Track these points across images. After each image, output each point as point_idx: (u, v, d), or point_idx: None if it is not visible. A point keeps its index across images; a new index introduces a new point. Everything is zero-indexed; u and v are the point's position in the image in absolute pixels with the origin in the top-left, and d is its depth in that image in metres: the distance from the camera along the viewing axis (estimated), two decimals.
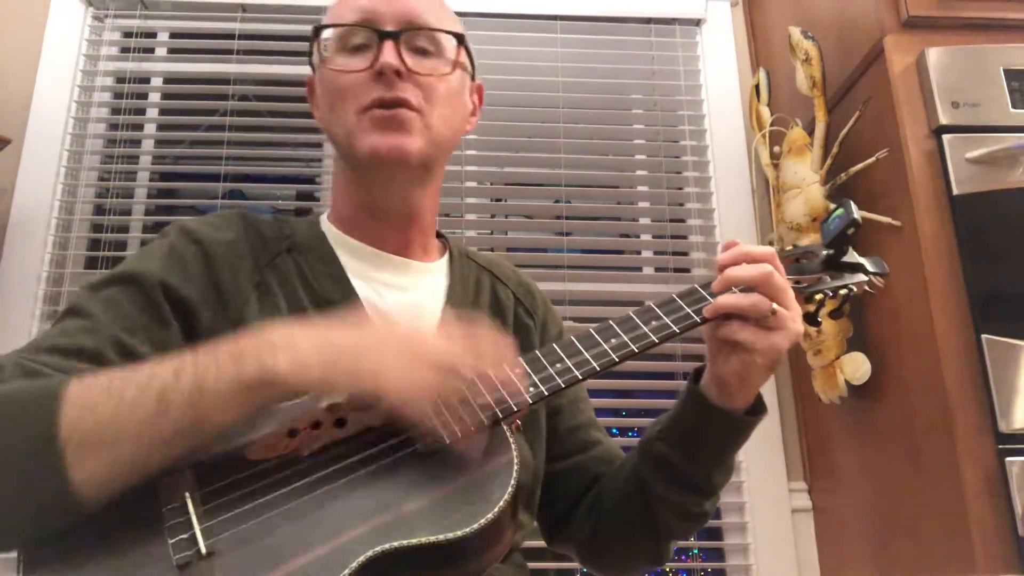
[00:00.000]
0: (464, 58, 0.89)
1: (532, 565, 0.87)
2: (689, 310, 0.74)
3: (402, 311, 0.83)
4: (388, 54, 0.80)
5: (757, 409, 0.79)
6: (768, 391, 1.82)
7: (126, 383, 0.60)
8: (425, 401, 0.62)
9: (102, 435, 0.57)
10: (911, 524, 1.33)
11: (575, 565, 1.67)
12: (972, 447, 1.18)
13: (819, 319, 0.82)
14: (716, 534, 1.74)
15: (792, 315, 0.73)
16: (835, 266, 0.82)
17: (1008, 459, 1.15)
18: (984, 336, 1.20)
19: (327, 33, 0.85)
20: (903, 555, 1.36)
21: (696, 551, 1.77)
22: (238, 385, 0.59)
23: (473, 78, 0.94)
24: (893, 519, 1.40)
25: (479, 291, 0.92)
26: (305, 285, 0.81)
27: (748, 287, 0.73)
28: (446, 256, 0.93)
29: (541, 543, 0.98)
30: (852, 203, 0.81)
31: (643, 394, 1.82)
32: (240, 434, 0.65)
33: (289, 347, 0.60)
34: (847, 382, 1.47)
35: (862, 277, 0.82)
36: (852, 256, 0.83)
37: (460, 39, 0.88)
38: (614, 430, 1.78)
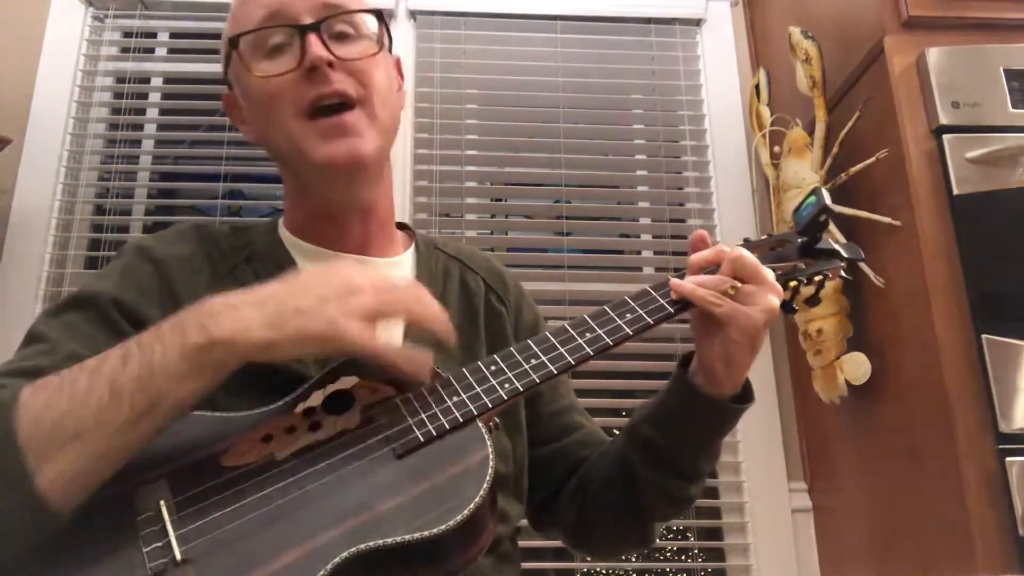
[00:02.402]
0: (385, 35, 0.86)
1: (532, 565, 0.87)
2: (663, 301, 0.75)
3: None
4: (315, 47, 0.76)
5: (745, 397, 0.79)
6: (768, 391, 1.83)
7: (76, 377, 0.59)
8: (377, 343, 0.62)
9: (61, 433, 0.56)
10: (911, 524, 1.33)
11: (575, 565, 1.67)
12: (972, 447, 1.18)
13: (795, 306, 0.82)
14: (716, 534, 1.74)
15: (764, 290, 0.74)
16: (811, 253, 0.83)
17: (1008, 459, 1.15)
18: (984, 336, 1.20)
19: (243, 41, 0.81)
20: (903, 555, 1.36)
21: (696, 551, 1.77)
22: (184, 356, 0.58)
23: (391, 51, 0.91)
24: (893, 519, 1.40)
25: (447, 281, 0.91)
26: None
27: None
28: (411, 249, 0.93)
29: (541, 543, 0.99)
30: (824, 190, 0.81)
31: (643, 394, 1.82)
32: (214, 442, 0.64)
33: (229, 311, 0.60)
34: (847, 382, 1.47)
35: (836, 263, 0.83)
36: (827, 243, 0.84)
37: (380, 16, 0.85)
38: (614, 430, 1.77)
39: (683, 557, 1.76)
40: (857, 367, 1.44)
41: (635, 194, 2.04)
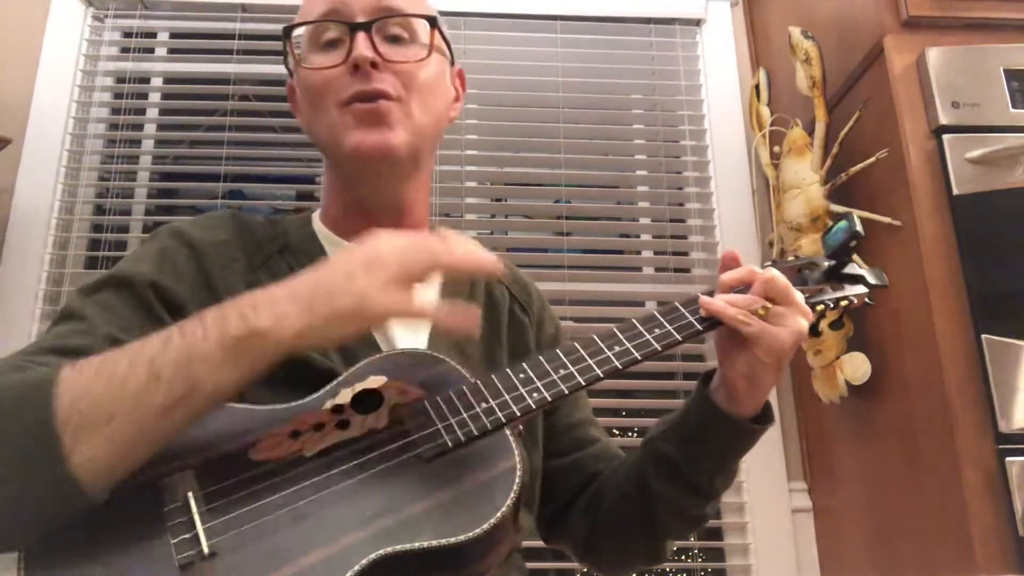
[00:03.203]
0: (440, 42, 0.87)
1: (532, 565, 0.87)
2: (692, 318, 0.75)
3: None
4: (361, 46, 0.79)
5: (764, 418, 0.79)
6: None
7: (117, 360, 0.59)
8: (410, 305, 0.63)
9: (97, 414, 0.56)
10: (911, 524, 1.33)
11: (575, 566, 1.67)
12: (972, 447, 1.18)
13: (819, 330, 0.83)
14: (716, 534, 1.74)
15: (793, 311, 0.74)
16: (836, 277, 0.84)
17: (1008, 459, 1.15)
18: (984, 336, 1.20)
19: (298, 32, 0.85)
20: (903, 555, 1.36)
21: (696, 551, 1.77)
22: (224, 344, 0.59)
23: (452, 63, 0.93)
24: (893, 519, 1.40)
25: (473, 288, 0.91)
26: None
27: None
28: None
29: (541, 543, 0.99)
30: (856, 215, 0.82)
31: (643, 394, 1.82)
32: (243, 435, 0.64)
33: (268, 301, 0.61)
34: (847, 382, 1.47)
35: (862, 289, 0.83)
36: (853, 268, 0.84)
37: (433, 22, 0.86)
38: (614, 430, 1.78)
39: (683, 557, 1.76)
40: (857, 367, 1.44)
41: (635, 194, 2.04)
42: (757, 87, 1.78)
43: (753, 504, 1.70)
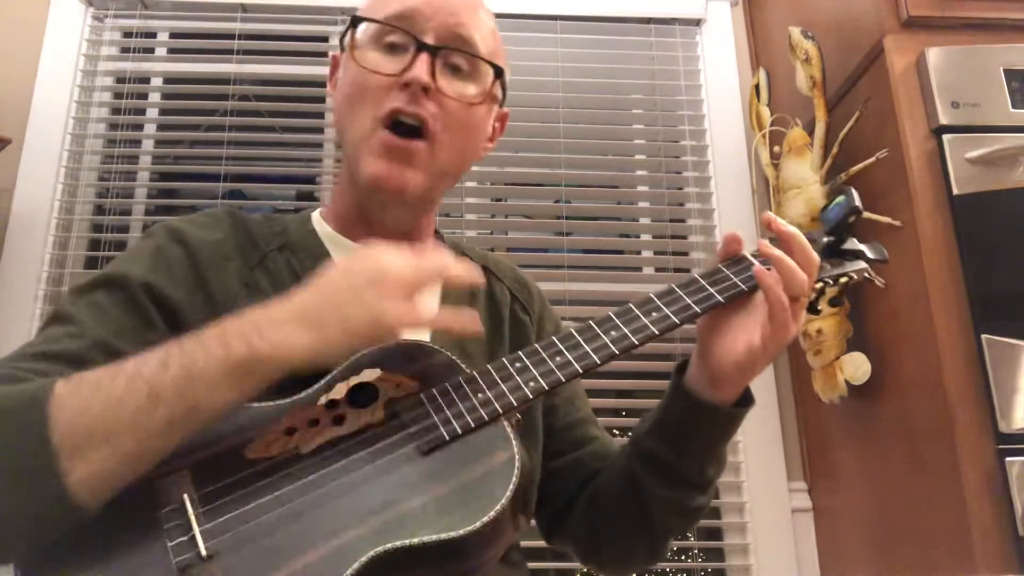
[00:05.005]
0: (498, 91, 0.87)
1: (532, 565, 0.87)
2: (689, 300, 0.74)
3: None
4: (420, 68, 0.77)
5: (745, 400, 0.78)
6: (768, 391, 1.83)
7: (114, 378, 0.59)
8: (419, 316, 0.65)
9: (94, 434, 0.56)
10: (911, 524, 1.33)
11: (575, 565, 1.67)
12: (972, 447, 1.18)
13: (819, 308, 0.81)
14: (716, 534, 1.74)
15: (804, 302, 0.74)
16: (836, 254, 0.82)
17: (1008, 459, 1.15)
18: (984, 336, 1.20)
19: (365, 25, 0.83)
20: (903, 555, 1.36)
21: (696, 551, 1.77)
22: (227, 368, 0.59)
23: (501, 105, 0.91)
24: (893, 519, 1.40)
25: (474, 288, 0.91)
26: (297, 284, 0.81)
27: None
28: None
29: (541, 543, 0.98)
30: (853, 190, 0.80)
31: (643, 394, 1.82)
32: (237, 433, 0.64)
33: (272, 324, 0.61)
34: (847, 382, 1.47)
35: (862, 264, 0.82)
36: (852, 243, 0.83)
37: (499, 73, 0.85)
38: (614, 430, 1.78)
39: (683, 557, 1.76)
40: (857, 367, 1.44)
41: (635, 194, 2.04)
42: (757, 87, 1.78)
43: (753, 504, 1.70)
